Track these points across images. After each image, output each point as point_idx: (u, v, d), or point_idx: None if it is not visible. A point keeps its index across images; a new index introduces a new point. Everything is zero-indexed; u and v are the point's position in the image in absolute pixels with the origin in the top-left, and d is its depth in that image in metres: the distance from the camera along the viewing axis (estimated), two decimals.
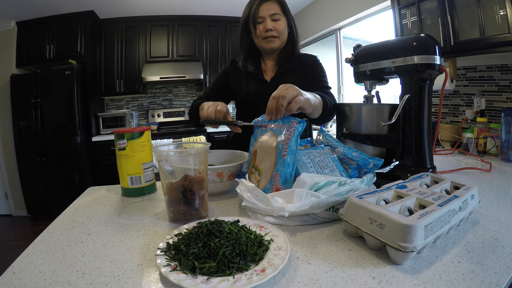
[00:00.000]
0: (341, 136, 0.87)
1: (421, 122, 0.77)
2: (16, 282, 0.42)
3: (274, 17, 1.02)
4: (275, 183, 0.63)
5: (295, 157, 0.65)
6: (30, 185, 3.03)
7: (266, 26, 1.01)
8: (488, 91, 1.51)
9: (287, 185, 0.63)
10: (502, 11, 1.18)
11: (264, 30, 1.02)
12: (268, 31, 1.01)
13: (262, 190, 0.65)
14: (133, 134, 0.78)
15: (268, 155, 0.68)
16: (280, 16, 1.03)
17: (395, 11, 1.73)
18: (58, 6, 2.87)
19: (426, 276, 0.40)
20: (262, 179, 0.67)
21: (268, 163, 0.67)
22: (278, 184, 0.63)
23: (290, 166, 0.64)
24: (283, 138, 0.67)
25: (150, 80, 3.30)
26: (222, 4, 3.27)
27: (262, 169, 0.68)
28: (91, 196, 0.83)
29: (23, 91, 2.90)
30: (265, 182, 0.66)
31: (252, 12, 1.02)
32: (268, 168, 0.67)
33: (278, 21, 1.02)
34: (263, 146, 0.71)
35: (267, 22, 1.01)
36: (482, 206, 0.65)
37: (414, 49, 0.74)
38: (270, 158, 0.67)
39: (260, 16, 1.02)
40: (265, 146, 0.70)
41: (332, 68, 3.16)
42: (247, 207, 0.61)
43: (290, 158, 0.64)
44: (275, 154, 0.66)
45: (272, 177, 0.64)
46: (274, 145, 0.67)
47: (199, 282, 0.38)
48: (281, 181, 0.63)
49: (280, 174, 0.63)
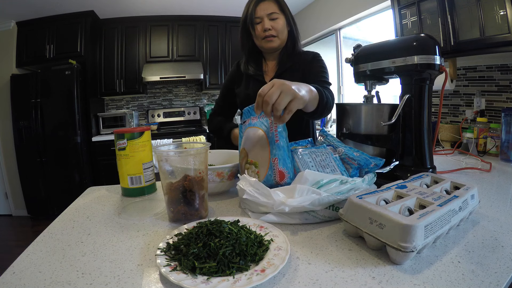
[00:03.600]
0: (341, 136, 0.87)
1: (421, 122, 0.77)
2: (16, 282, 0.42)
3: (272, 16, 1.01)
4: (276, 167, 0.65)
5: (286, 141, 0.68)
6: (30, 185, 3.02)
7: (264, 25, 1.01)
8: (488, 91, 1.51)
9: (288, 166, 0.66)
10: (502, 11, 1.18)
11: (262, 30, 1.02)
12: (267, 30, 1.01)
13: (264, 179, 0.67)
14: (133, 134, 0.78)
15: (260, 146, 0.69)
16: (278, 15, 1.02)
17: (395, 11, 1.73)
18: (58, 6, 2.87)
19: (426, 276, 0.40)
20: (261, 170, 0.68)
21: (263, 153, 0.68)
22: (280, 167, 0.65)
23: (285, 148, 0.67)
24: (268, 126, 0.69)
25: (150, 80, 3.30)
26: (222, 4, 3.27)
27: (258, 161, 0.70)
28: (91, 196, 0.83)
29: (23, 91, 2.90)
30: (264, 171, 0.67)
31: (250, 13, 1.02)
32: (264, 157, 0.68)
33: (276, 20, 1.02)
34: (252, 140, 0.72)
35: (265, 22, 1.01)
36: (482, 206, 0.65)
37: (414, 49, 0.74)
38: (263, 148, 0.68)
39: (257, 16, 1.01)
40: (255, 139, 0.71)
41: (332, 68, 3.16)
42: (247, 204, 0.61)
43: (283, 141, 0.67)
44: (267, 142, 0.68)
45: (272, 163, 0.66)
46: (264, 135, 0.69)
47: (199, 282, 0.38)
48: (281, 164, 0.65)
49: (278, 157, 0.65)
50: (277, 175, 0.65)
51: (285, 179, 0.66)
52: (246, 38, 1.10)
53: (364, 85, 0.91)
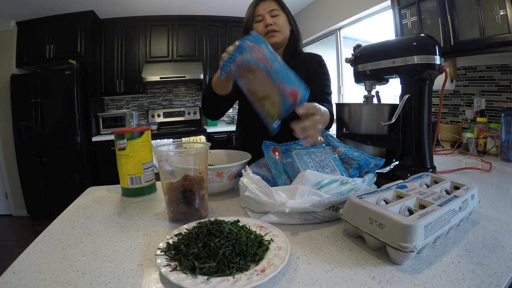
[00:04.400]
0: (341, 136, 0.87)
1: (421, 122, 0.77)
2: (16, 282, 0.42)
3: (273, 13, 1.02)
4: (284, 90, 0.64)
5: (278, 61, 0.66)
6: (30, 185, 3.02)
7: (266, 21, 1.00)
8: (488, 91, 1.51)
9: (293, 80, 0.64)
10: (502, 11, 1.18)
11: (264, 26, 1.01)
12: (268, 25, 1.00)
13: (281, 107, 0.65)
14: (133, 134, 0.78)
15: (261, 82, 0.67)
16: (278, 12, 1.02)
17: (395, 11, 1.73)
18: (58, 6, 2.87)
19: (426, 276, 0.40)
20: (275, 98, 0.66)
21: (267, 84, 0.66)
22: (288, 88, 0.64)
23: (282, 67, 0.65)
24: (255, 58, 0.66)
25: (150, 80, 3.30)
26: (222, 4, 3.27)
27: (268, 94, 0.67)
28: (91, 196, 0.83)
29: (23, 91, 2.90)
30: (278, 99, 0.65)
31: (251, 13, 1.02)
32: (270, 88, 0.66)
33: (277, 17, 1.02)
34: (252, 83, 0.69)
35: (266, 18, 1.01)
36: (482, 206, 0.65)
37: (414, 49, 0.74)
38: (264, 80, 0.66)
39: (258, 14, 1.01)
40: (254, 81, 0.68)
41: (332, 68, 3.16)
42: (247, 202, 0.61)
43: (277, 65, 0.65)
44: (264, 73, 0.65)
45: (279, 89, 0.64)
46: (257, 69, 0.66)
47: (199, 282, 0.38)
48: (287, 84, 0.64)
49: (281, 80, 0.64)
50: (289, 97, 0.64)
51: (298, 97, 0.64)
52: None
53: (364, 85, 0.91)
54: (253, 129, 1.12)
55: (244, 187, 0.62)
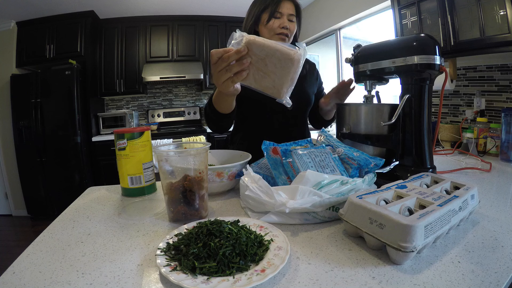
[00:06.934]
0: (341, 136, 0.87)
1: (421, 122, 0.77)
2: (16, 282, 0.42)
3: (290, 18, 1.02)
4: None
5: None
6: (30, 185, 3.02)
7: (284, 23, 1.00)
8: (488, 91, 1.51)
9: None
10: (502, 11, 1.18)
11: (280, 26, 1.00)
12: (285, 28, 1.00)
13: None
14: (133, 134, 0.78)
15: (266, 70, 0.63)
16: (294, 18, 1.03)
17: (395, 11, 1.73)
18: (58, 6, 2.87)
19: (426, 276, 0.40)
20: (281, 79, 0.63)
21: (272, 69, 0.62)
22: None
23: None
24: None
25: (150, 80, 3.30)
26: (222, 4, 3.27)
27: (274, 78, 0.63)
28: (91, 196, 0.83)
29: (23, 91, 2.90)
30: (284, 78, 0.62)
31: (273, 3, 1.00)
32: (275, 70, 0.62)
33: (292, 23, 1.02)
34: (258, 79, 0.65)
35: (284, 20, 1.00)
36: (482, 206, 0.65)
37: (414, 49, 0.74)
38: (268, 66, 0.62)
39: (279, 11, 1.00)
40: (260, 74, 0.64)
41: (332, 68, 3.16)
42: (247, 201, 0.61)
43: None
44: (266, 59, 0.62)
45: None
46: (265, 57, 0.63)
47: (199, 282, 0.38)
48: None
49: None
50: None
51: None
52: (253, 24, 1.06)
53: (364, 85, 0.91)
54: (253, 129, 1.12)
55: (245, 186, 0.62)
